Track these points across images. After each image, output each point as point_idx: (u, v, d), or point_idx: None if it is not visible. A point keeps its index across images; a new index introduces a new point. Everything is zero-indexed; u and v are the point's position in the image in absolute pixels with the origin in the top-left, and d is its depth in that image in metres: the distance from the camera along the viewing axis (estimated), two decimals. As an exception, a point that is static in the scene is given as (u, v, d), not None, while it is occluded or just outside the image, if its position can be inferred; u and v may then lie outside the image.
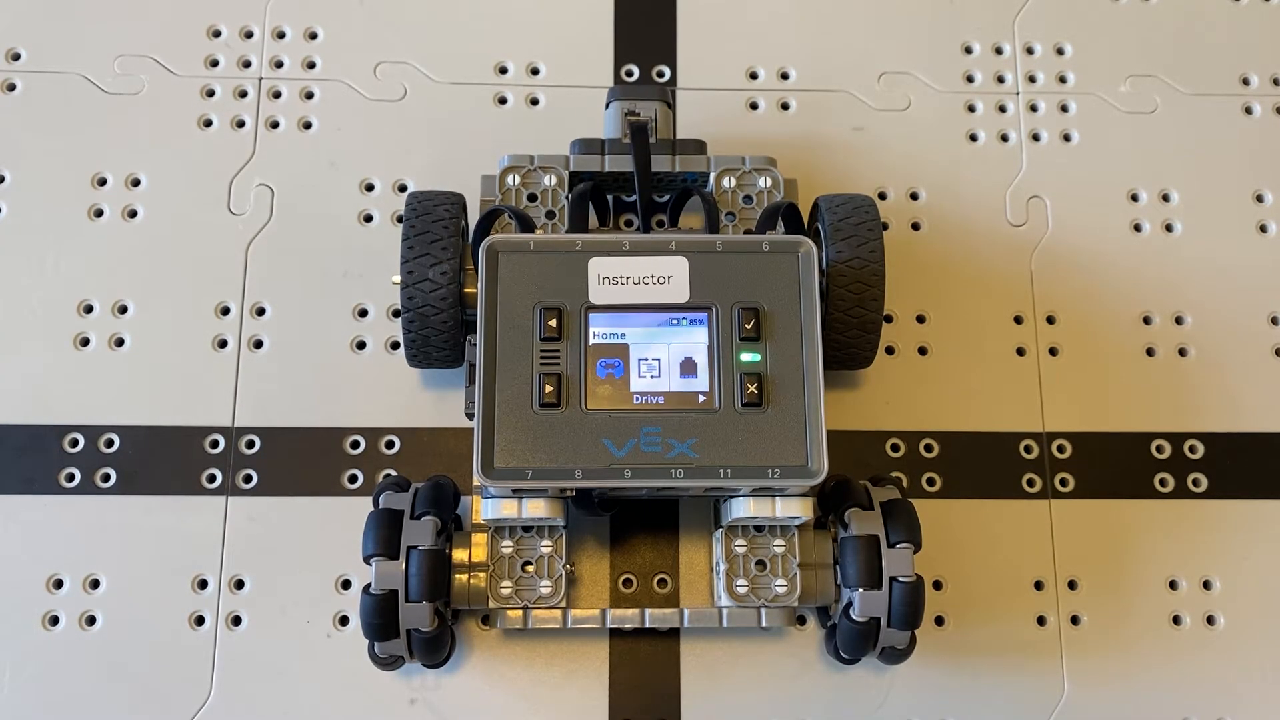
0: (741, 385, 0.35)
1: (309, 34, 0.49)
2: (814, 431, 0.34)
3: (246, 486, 0.43)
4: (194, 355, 0.44)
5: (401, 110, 0.48)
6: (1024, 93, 0.49)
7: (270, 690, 0.41)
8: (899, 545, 0.37)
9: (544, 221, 0.40)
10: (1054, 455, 0.45)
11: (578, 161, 0.41)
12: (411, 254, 0.38)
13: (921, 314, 0.46)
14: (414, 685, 0.41)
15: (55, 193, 0.46)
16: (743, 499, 0.36)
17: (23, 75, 0.47)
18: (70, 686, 0.41)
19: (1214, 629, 0.43)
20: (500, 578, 0.37)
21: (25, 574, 0.42)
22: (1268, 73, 0.50)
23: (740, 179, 0.41)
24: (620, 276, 0.35)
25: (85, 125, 0.47)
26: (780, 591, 0.37)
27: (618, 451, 0.34)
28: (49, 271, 0.45)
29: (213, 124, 0.47)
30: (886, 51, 0.50)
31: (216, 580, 0.42)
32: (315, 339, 0.45)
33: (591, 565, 0.41)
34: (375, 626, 0.36)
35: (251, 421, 0.44)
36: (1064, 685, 0.42)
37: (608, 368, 0.35)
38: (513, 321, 0.35)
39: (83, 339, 0.44)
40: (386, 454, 0.44)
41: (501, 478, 0.34)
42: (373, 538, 0.36)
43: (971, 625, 0.43)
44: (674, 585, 0.41)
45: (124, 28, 0.48)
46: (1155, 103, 0.49)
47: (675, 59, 0.49)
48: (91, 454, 0.43)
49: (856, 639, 0.38)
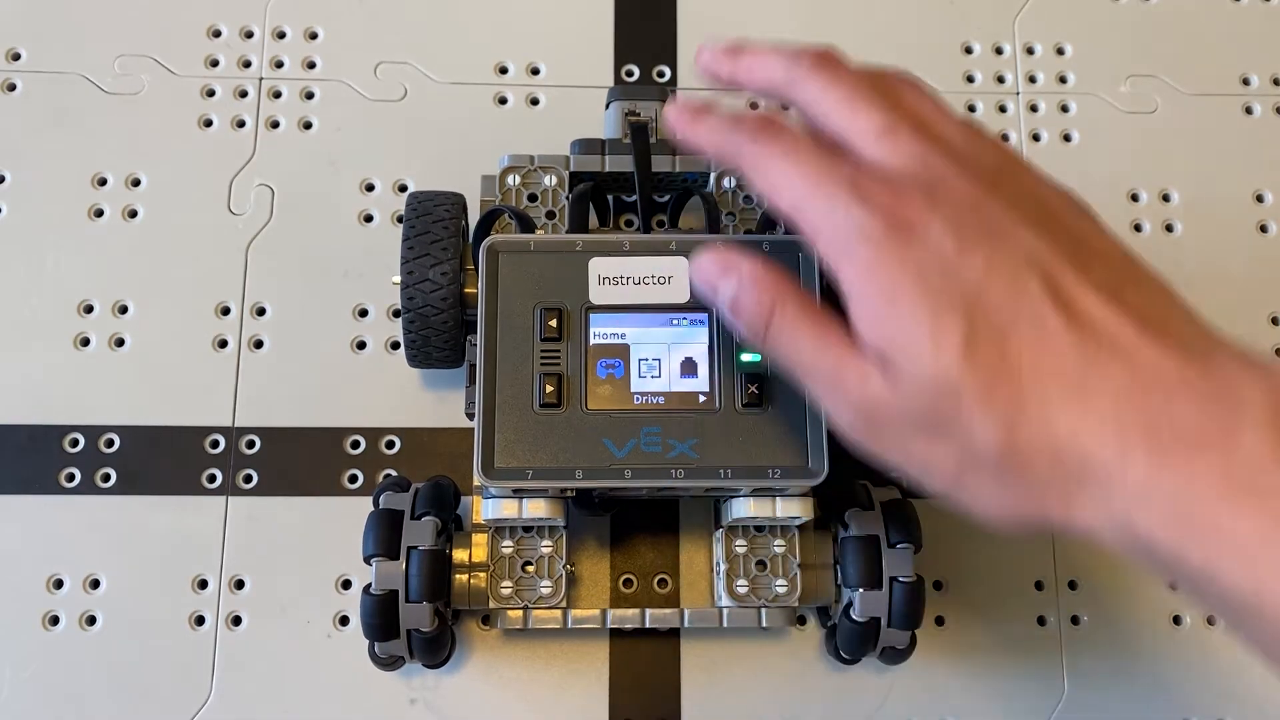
0: (742, 385, 0.35)
1: (309, 34, 0.49)
2: (814, 432, 0.34)
3: (246, 486, 0.43)
4: (194, 355, 0.44)
5: (401, 110, 0.48)
6: (1024, 93, 0.49)
7: (270, 690, 0.41)
8: (899, 545, 0.37)
9: (544, 221, 0.40)
10: (1054, 455, 0.45)
11: (578, 161, 0.41)
12: (411, 254, 0.38)
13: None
14: (414, 685, 0.41)
15: (55, 193, 0.46)
16: (743, 499, 0.36)
17: (23, 75, 0.47)
18: (70, 686, 0.41)
19: (1214, 629, 0.43)
20: (500, 578, 0.37)
21: (25, 574, 0.42)
22: (1268, 73, 0.50)
23: (740, 179, 0.41)
24: (620, 276, 0.35)
25: (85, 125, 0.47)
26: (780, 591, 0.37)
27: (618, 452, 0.34)
28: (49, 271, 0.45)
29: (213, 124, 0.47)
30: (886, 51, 0.50)
31: (216, 580, 0.42)
32: (315, 339, 0.45)
33: (591, 565, 0.41)
34: (375, 627, 0.36)
35: (251, 421, 0.44)
36: (1064, 685, 0.42)
37: (608, 368, 0.35)
38: (513, 321, 0.35)
39: (83, 339, 0.44)
40: (386, 454, 0.44)
41: (502, 478, 0.34)
42: (373, 538, 0.36)
43: (971, 625, 0.43)
44: (674, 585, 0.41)
45: (124, 28, 0.48)
46: (1155, 103, 0.49)
47: (675, 59, 0.49)
48: (91, 454, 0.43)
49: (856, 639, 0.38)
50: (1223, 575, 0.23)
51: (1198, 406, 0.24)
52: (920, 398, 0.26)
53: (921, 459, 0.27)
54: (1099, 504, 0.25)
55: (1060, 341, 0.25)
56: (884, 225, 0.27)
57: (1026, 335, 0.26)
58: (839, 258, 0.27)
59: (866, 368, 0.27)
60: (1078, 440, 0.25)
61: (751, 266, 0.30)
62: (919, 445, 0.27)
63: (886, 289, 0.26)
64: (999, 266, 0.26)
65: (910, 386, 0.26)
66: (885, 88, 0.30)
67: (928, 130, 0.29)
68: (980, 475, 0.26)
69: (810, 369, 0.29)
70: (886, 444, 0.28)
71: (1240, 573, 0.23)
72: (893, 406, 0.27)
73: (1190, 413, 0.24)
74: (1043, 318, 0.26)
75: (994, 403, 0.25)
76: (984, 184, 0.28)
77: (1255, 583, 0.23)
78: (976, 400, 0.25)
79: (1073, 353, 0.25)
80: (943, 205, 0.27)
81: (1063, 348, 0.25)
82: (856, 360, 0.27)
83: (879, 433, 0.28)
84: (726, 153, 0.31)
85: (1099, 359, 0.25)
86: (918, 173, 0.28)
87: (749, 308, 0.29)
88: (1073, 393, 0.25)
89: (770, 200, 0.29)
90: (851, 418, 0.28)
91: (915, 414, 0.26)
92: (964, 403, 0.26)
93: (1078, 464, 0.25)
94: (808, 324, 0.29)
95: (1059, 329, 0.26)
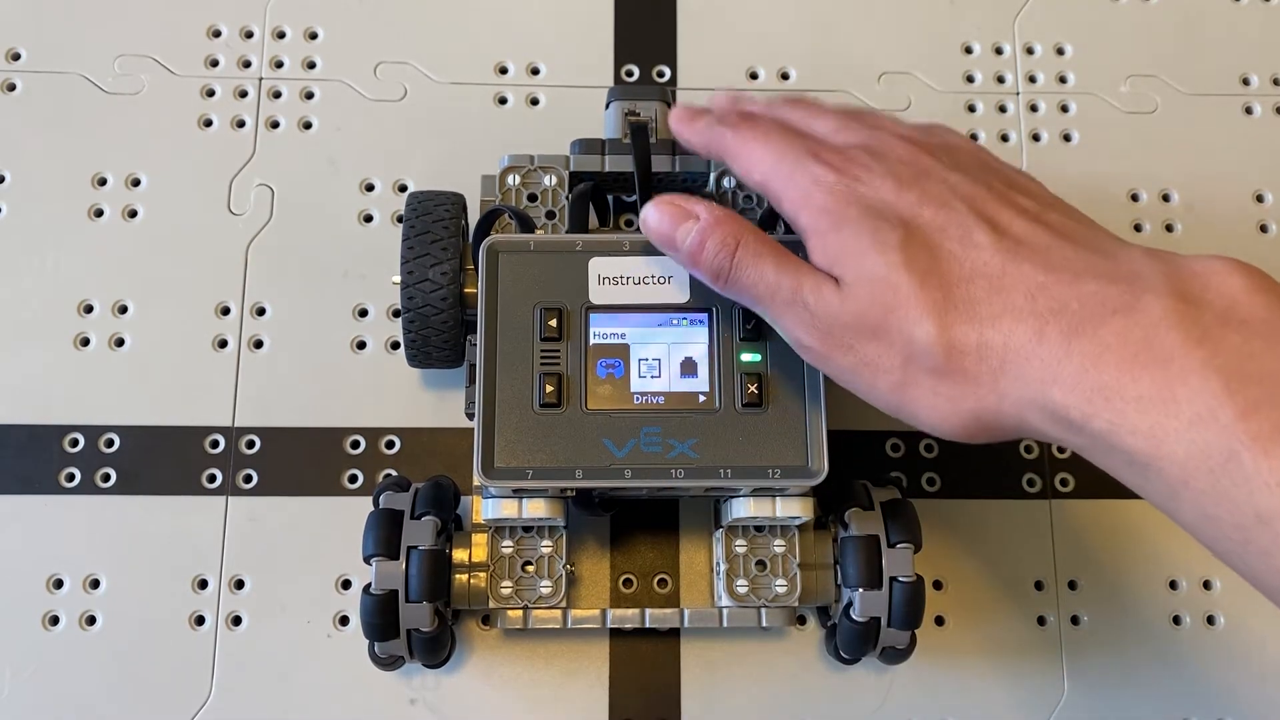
0: (742, 385, 0.35)
1: (309, 34, 0.49)
2: (814, 431, 0.34)
3: (246, 486, 0.43)
4: (194, 355, 0.44)
5: (401, 110, 0.48)
6: (1024, 93, 0.49)
7: (270, 690, 0.41)
8: (899, 545, 0.37)
9: (544, 221, 0.40)
10: (1054, 455, 0.45)
11: (578, 161, 0.41)
12: (411, 254, 0.38)
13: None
14: (414, 685, 0.41)
15: (55, 193, 0.46)
16: (743, 499, 0.36)
17: (23, 75, 0.47)
18: (70, 686, 0.41)
19: (1214, 629, 0.43)
20: (500, 578, 0.37)
21: (25, 574, 0.42)
22: (1268, 73, 0.50)
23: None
24: (620, 276, 0.35)
25: (85, 125, 0.47)
26: (780, 591, 0.37)
27: (618, 451, 0.34)
28: (49, 271, 0.45)
29: (213, 124, 0.47)
30: (886, 51, 0.50)
31: (216, 580, 0.42)
32: (315, 339, 0.45)
33: (591, 565, 0.41)
34: (375, 626, 0.36)
35: (251, 421, 0.44)
36: (1064, 685, 0.42)
37: (608, 368, 0.35)
38: (513, 321, 0.35)
39: (83, 339, 0.44)
40: (386, 454, 0.44)
41: (502, 478, 0.34)
42: (373, 538, 0.36)
43: (971, 625, 0.43)
44: (674, 585, 0.41)
45: (124, 28, 0.48)
46: (1155, 103, 0.49)
47: (675, 59, 0.49)
48: (91, 454, 0.43)
49: (856, 639, 0.38)
50: (1125, 436, 0.26)
51: (1101, 286, 0.28)
52: (865, 300, 0.30)
53: (869, 362, 0.30)
54: (1021, 386, 0.28)
55: (984, 250, 0.29)
56: (835, 175, 0.31)
57: (955, 245, 0.29)
58: (799, 207, 0.31)
59: (822, 280, 0.31)
60: (998, 326, 0.28)
61: (708, 209, 0.32)
62: (867, 348, 0.30)
63: (836, 217, 0.30)
64: (930, 196, 0.30)
65: (856, 289, 0.30)
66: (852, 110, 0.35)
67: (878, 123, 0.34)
68: (920, 374, 0.29)
69: (774, 289, 0.31)
70: (838, 353, 0.30)
71: (1141, 432, 0.26)
72: (844, 312, 0.30)
73: (1095, 291, 0.28)
74: (969, 229, 0.30)
75: (927, 299, 0.29)
76: (923, 148, 0.32)
77: (1153, 440, 0.26)
78: (912, 296, 0.29)
79: (996, 256, 0.29)
80: (885, 162, 0.31)
81: (986, 254, 0.29)
82: (813, 274, 0.31)
83: (831, 341, 0.30)
84: (714, 146, 0.35)
85: (1017, 257, 0.29)
86: (866, 142, 0.33)
87: (713, 248, 0.32)
88: (994, 289, 0.29)
89: (746, 178, 0.33)
90: (808, 329, 0.31)
91: (861, 316, 0.30)
92: (900, 298, 0.29)
93: (1000, 349, 0.28)
94: (769, 250, 0.31)
95: (984, 240, 0.29)
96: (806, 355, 0.32)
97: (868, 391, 0.31)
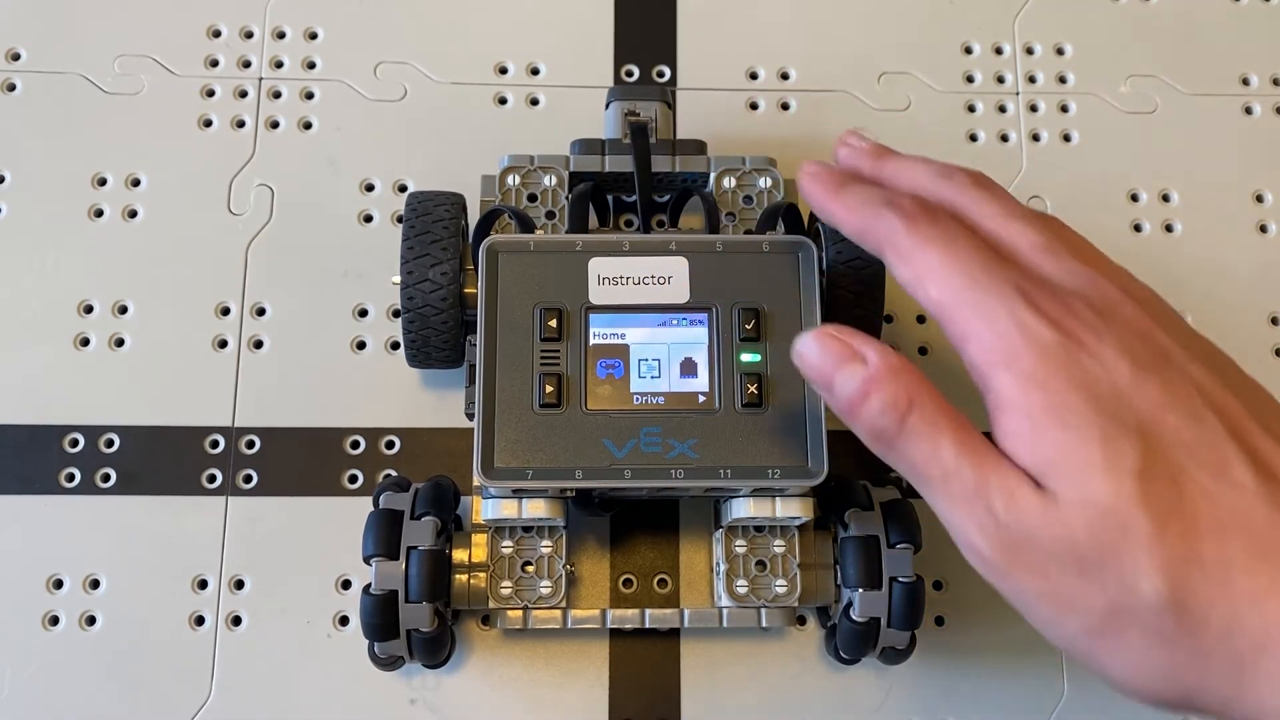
0: (742, 385, 0.35)
1: (309, 34, 0.49)
2: (814, 432, 0.34)
3: (246, 486, 0.43)
4: (194, 355, 0.44)
5: (401, 110, 0.48)
6: (1024, 93, 0.49)
7: (270, 690, 0.41)
8: (899, 545, 0.37)
9: (544, 221, 0.40)
10: (1054, 455, 0.45)
11: (578, 162, 0.41)
12: (411, 254, 0.38)
13: (922, 314, 0.46)
14: (414, 685, 0.41)
15: (55, 193, 0.46)
16: (743, 499, 0.36)
17: (23, 75, 0.47)
18: (70, 686, 0.41)
19: (1214, 629, 0.43)
20: (500, 578, 0.37)
21: (25, 574, 0.42)
22: (1268, 73, 0.50)
23: (740, 179, 0.41)
24: (620, 277, 0.35)
25: (85, 125, 0.47)
26: (780, 592, 0.37)
27: (618, 452, 0.34)
28: (49, 271, 0.45)
29: (213, 124, 0.47)
30: (886, 51, 0.50)
31: (216, 580, 0.42)
32: (315, 339, 0.45)
33: (591, 565, 0.41)
34: (375, 627, 0.36)
35: (251, 421, 0.44)
36: (1064, 685, 0.42)
37: (608, 368, 0.35)
38: (513, 321, 0.35)
39: (83, 339, 0.44)
40: (386, 454, 0.44)
41: (501, 478, 0.34)
42: (373, 538, 0.36)
43: (971, 625, 0.43)
44: (674, 585, 0.41)
45: (124, 28, 0.48)
46: (1155, 103, 0.49)
47: (675, 59, 0.49)
48: (91, 454, 0.43)
49: (856, 639, 0.38)
50: None
51: None
52: (1079, 527, 0.23)
53: (1064, 597, 0.24)
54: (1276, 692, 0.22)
55: (1248, 495, 0.23)
56: (1054, 335, 0.24)
57: (1207, 479, 0.23)
58: (996, 364, 0.25)
59: (1017, 480, 0.24)
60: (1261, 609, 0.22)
61: (881, 354, 0.27)
62: (1065, 581, 0.24)
63: (1055, 403, 0.24)
64: (1176, 398, 0.24)
65: (1071, 511, 0.24)
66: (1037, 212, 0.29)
67: (1085, 255, 0.27)
68: (1129, 628, 0.23)
69: (948, 474, 0.25)
70: (1024, 573, 0.25)
71: None
72: (1044, 532, 0.24)
73: None
74: (1227, 463, 0.23)
75: (1165, 546, 0.23)
76: (1150, 315, 0.26)
77: None
78: (1146, 539, 0.23)
79: (1263, 510, 0.23)
80: (1115, 327, 0.25)
81: (1251, 502, 0.23)
82: (1006, 469, 0.25)
83: (1018, 559, 0.25)
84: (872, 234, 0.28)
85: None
86: (1086, 291, 0.26)
87: (878, 405, 0.26)
88: (1259, 552, 0.22)
89: (915, 290, 0.27)
90: (987, 537, 0.25)
91: (1069, 544, 0.24)
92: (1130, 538, 0.23)
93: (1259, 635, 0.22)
94: (948, 424, 0.26)
95: (1247, 480, 0.23)
96: (977, 562, 0.26)
97: (1050, 626, 0.25)
